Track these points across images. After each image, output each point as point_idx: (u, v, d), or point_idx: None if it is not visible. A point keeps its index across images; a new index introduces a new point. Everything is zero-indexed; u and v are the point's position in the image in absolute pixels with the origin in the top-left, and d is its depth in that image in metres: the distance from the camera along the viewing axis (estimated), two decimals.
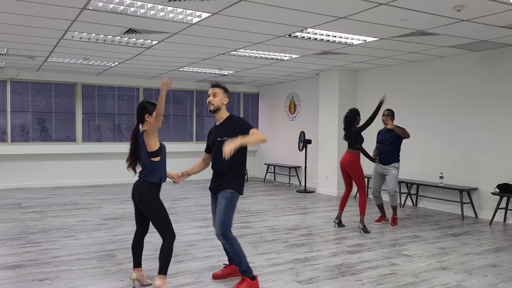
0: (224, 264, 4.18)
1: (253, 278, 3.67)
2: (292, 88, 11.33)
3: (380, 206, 6.42)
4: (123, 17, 5.09)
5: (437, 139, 7.69)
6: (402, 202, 8.02)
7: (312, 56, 7.59)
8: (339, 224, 6.21)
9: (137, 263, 3.75)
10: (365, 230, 5.88)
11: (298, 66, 8.84)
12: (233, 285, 3.71)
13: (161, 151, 3.64)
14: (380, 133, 6.51)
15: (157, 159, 3.58)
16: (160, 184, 3.62)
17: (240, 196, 3.78)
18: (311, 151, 10.02)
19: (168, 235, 3.56)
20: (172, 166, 11.97)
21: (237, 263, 3.71)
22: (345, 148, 6.17)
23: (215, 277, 4.01)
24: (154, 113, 3.55)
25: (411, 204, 8.10)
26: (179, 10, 4.86)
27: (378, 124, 6.43)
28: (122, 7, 4.74)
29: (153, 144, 3.56)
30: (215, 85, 3.87)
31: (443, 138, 7.61)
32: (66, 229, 5.91)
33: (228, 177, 3.70)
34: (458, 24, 5.33)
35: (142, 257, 3.82)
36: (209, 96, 3.85)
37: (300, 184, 10.74)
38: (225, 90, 3.87)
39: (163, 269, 3.53)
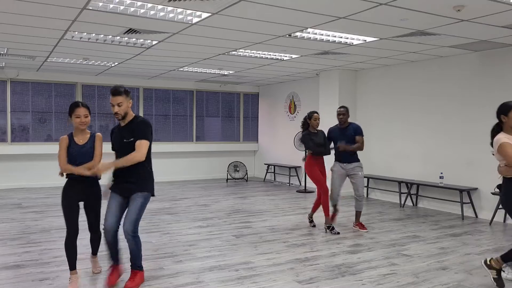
0: (111, 267, 3.86)
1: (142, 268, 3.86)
2: (292, 88, 11.33)
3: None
4: (123, 17, 5.08)
5: (437, 139, 7.69)
6: (402, 202, 8.03)
7: (312, 56, 7.59)
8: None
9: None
10: (329, 230, 5.87)
11: (298, 66, 8.84)
12: (127, 282, 3.73)
13: None
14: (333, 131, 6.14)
15: None
16: (75, 179, 3.73)
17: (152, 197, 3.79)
18: None
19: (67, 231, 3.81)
20: (173, 166, 11.99)
21: (135, 259, 3.75)
22: None
23: (111, 284, 3.77)
24: None
25: (411, 204, 8.10)
26: (179, 10, 4.86)
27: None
28: (122, 7, 4.74)
29: None
30: (117, 92, 3.62)
31: (443, 138, 7.61)
32: None
33: (141, 178, 3.66)
34: (458, 24, 5.33)
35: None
36: (113, 106, 3.65)
37: (300, 184, 10.74)
38: (127, 94, 3.68)
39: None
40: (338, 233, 5.78)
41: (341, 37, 6.17)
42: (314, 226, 6.19)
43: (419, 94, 8.04)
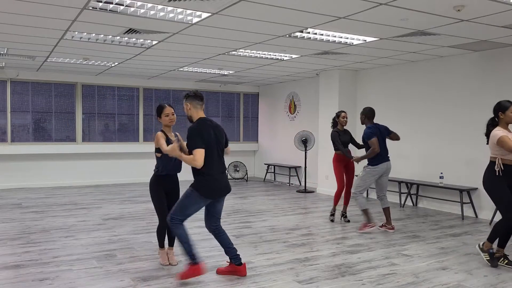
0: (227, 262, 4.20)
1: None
2: (292, 88, 11.33)
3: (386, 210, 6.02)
4: (123, 17, 5.09)
5: (437, 139, 7.69)
6: (402, 202, 8.03)
7: (312, 56, 7.59)
8: (345, 217, 6.56)
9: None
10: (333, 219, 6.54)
11: (298, 66, 8.84)
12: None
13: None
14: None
15: (158, 155, 4.35)
16: (161, 175, 4.41)
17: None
18: (311, 151, 10.02)
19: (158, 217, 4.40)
20: None
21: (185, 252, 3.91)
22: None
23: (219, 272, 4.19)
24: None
25: (411, 204, 8.10)
26: (179, 10, 4.86)
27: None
28: (122, 7, 4.74)
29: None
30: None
31: (443, 138, 7.61)
32: (66, 229, 5.91)
33: (194, 178, 4.00)
34: (458, 24, 5.33)
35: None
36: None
37: (300, 184, 10.74)
38: (185, 98, 4.32)
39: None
40: (349, 221, 6.49)
41: (341, 37, 6.17)
42: (348, 221, 6.51)
43: (419, 93, 8.04)
